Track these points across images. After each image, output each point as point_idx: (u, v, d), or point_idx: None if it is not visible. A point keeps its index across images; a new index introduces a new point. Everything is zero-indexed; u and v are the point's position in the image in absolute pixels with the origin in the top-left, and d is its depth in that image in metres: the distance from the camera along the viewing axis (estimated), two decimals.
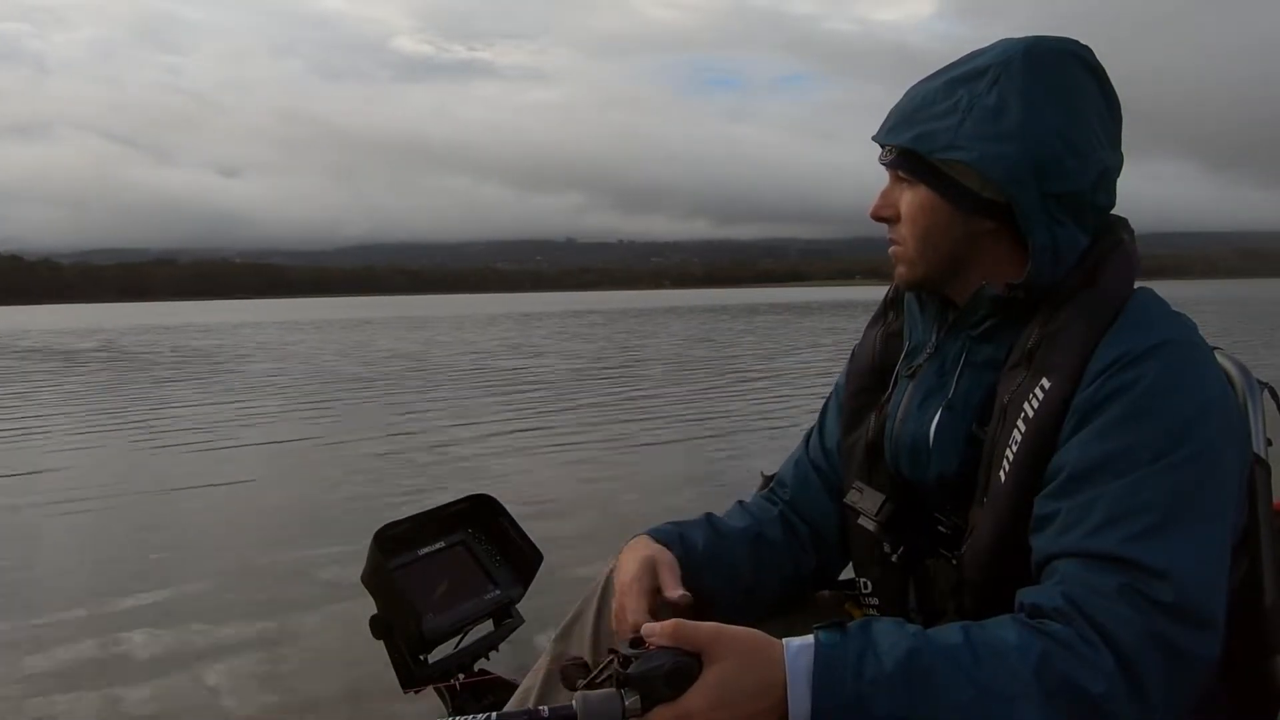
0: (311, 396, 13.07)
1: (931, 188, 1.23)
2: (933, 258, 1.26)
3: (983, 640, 1.01)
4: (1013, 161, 1.17)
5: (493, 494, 1.81)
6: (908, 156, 1.24)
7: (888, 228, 1.30)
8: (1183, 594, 1.02)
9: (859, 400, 1.41)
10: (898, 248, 1.30)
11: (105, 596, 4.24)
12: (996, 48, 1.24)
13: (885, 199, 1.29)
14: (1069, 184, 1.18)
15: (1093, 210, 1.21)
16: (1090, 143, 1.20)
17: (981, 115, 1.19)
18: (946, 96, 1.22)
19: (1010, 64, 1.20)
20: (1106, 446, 1.08)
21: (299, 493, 6.79)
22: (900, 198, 1.27)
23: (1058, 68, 1.21)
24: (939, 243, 1.25)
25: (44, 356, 24.59)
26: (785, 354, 19.07)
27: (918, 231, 1.26)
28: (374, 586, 1.69)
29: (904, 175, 1.26)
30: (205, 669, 3.41)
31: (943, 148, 1.20)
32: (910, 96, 1.28)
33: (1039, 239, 1.18)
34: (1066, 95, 1.20)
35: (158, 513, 6.25)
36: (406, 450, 8.31)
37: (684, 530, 1.38)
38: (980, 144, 1.18)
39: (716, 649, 0.99)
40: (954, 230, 1.24)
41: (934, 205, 1.24)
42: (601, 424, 9.53)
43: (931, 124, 1.22)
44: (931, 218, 1.24)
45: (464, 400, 12.13)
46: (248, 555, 4.94)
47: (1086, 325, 1.15)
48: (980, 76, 1.21)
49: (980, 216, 1.22)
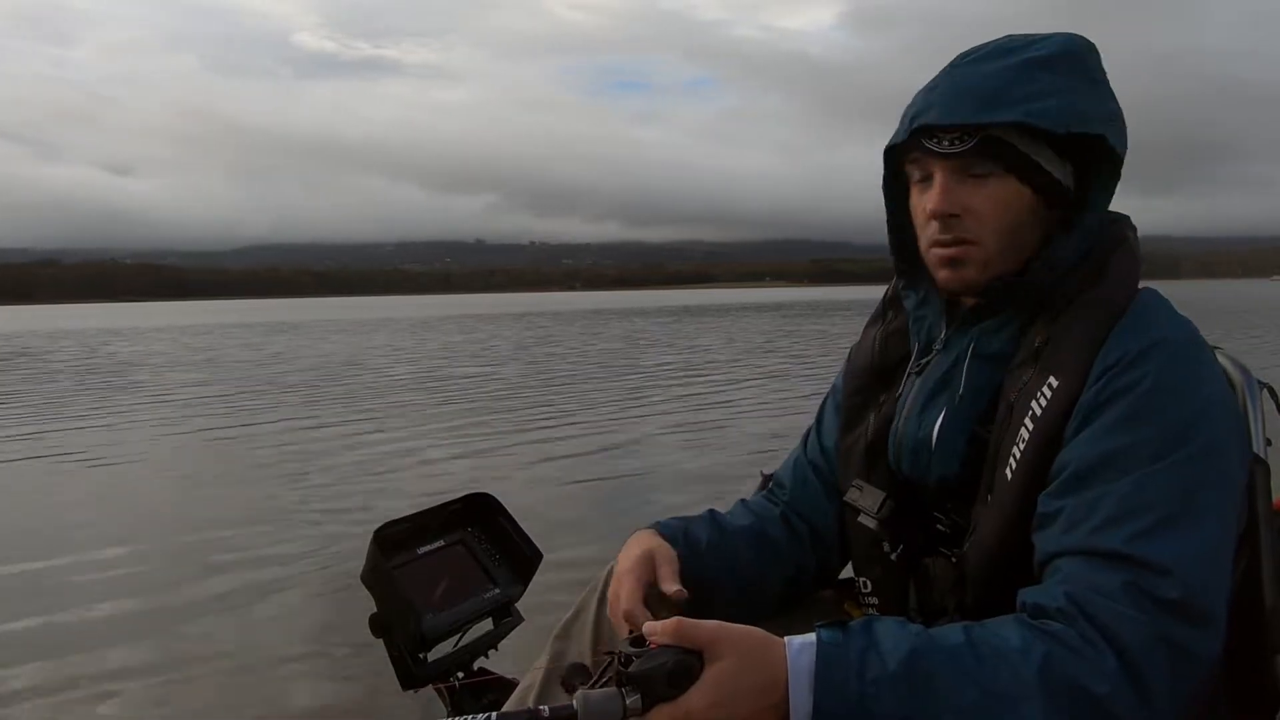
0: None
1: (1019, 178, 1.18)
2: (1012, 255, 1.20)
3: (985, 641, 1.01)
4: (1123, 138, 1.20)
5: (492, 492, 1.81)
6: (993, 145, 1.16)
7: (940, 226, 1.21)
8: (1186, 591, 1.02)
9: (857, 400, 1.40)
10: (970, 247, 1.20)
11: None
12: (1051, 40, 1.22)
13: (954, 194, 1.19)
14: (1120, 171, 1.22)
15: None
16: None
17: (1088, 94, 1.18)
18: (1028, 79, 1.17)
19: (1082, 53, 1.21)
20: (1110, 445, 1.08)
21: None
22: (974, 192, 1.19)
23: (1098, 61, 1.23)
24: (1023, 238, 1.20)
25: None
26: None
27: (1002, 227, 1.19)
28: (373, 585, 1.67)
29: (984, 166, 1.18)
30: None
31: (1078, 119, 1.16)
32: (975, 76, 1.19)
33: (1095, 218, 1.21)
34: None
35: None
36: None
37: (688, 525, 1.38)
38: (1098, 122, 1.17)
39: (718, 647, 0.98)
40: (1036, 223, 1.20)
41: (1020, 196, 1.19)
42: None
43: (1037, 102, 1.15)
44: (1018, 210, 1.19)
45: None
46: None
47: (1093, 324, 1.15)
48: (1057, 61, 1.19)
49: (1052, 210, 1.20)
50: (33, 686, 3.48)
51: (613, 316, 47.15)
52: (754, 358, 18.79)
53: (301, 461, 8.06)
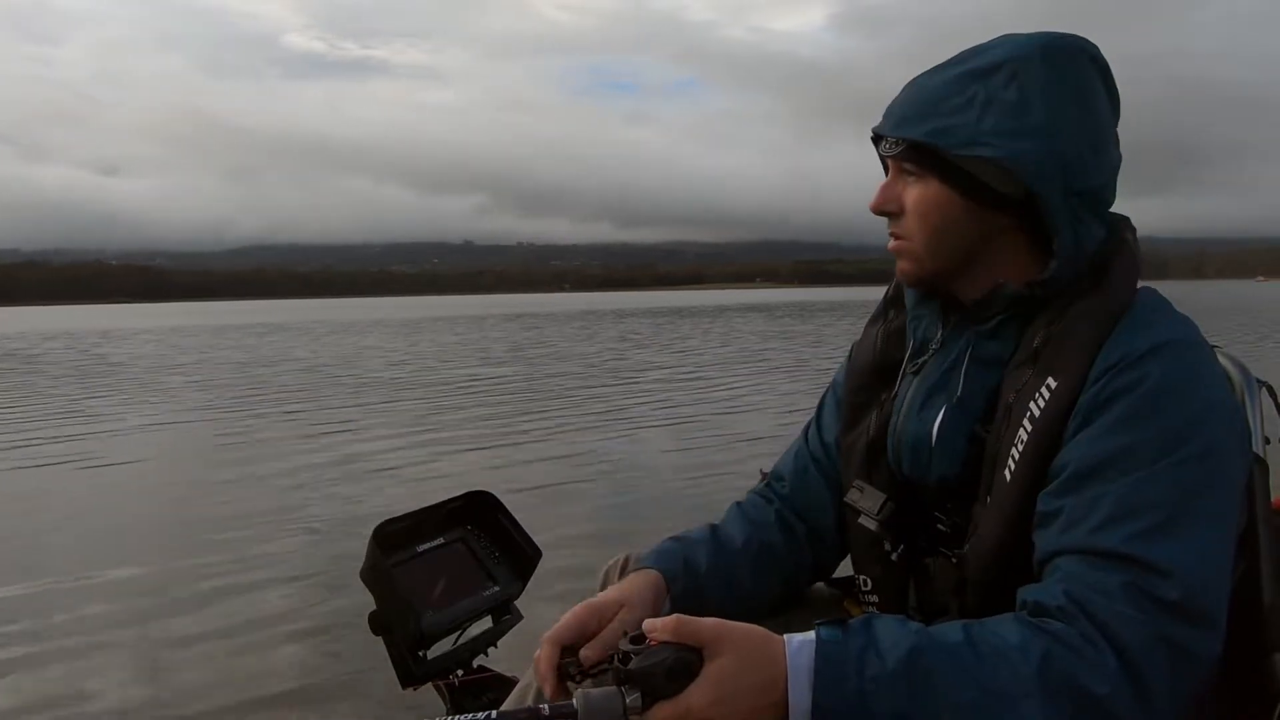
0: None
1: (944, 182, 1.21)
2: (943, 254, 1.24)
3: (985, 639, 1.01)
4: (1039, 158, 1.16)
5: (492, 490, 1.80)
6: (917, 150, 1.21)
7: (888, 222, 1.27)
8: (1187, 592, 1.01)
9: (859, 398, 1.40)
10: (903, 243, 1.27)
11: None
12: (1006, 44, 1.22)
13: (888, 192, 1.26)
14: (1090, 181, 1.18)
15: (1107, 206, 1.23)
16: (1106, 139, 1.21)
17: (1003, 111, 1.17)
18: (959, 91, 1.20)
19: (1029, 59, 1.19)
20: (1111, 444, 1.08)
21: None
22: (905, 192, 1.24)
23: (1074, 65, 1.20)
24: (952, 239, 1.23)
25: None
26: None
27: (928, 227, 1.23)
28: (372, 583, 1.66)
29: (912, 169, 1.23)
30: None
31: (964, 143, 1.18)
32: (916, 90, 1.24)
33: (1065, 237, 1.18)
34: (1083, 93, 1.19)
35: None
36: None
37: (688, 553, 1.37)
38: (1005, 140, 1.16)
39: (718, 645, 0.99)
40: (968, 226, 1.22)
41: (947, 200, 1.21)
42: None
43: (947, 119, 1.19)
44: (944, 213, 1.22)
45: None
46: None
47: (1093, 325, 1.15)
48: (994, 72, 1.19)
49: (997, 212, 1.21)
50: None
51: (605, 317, 47.01)
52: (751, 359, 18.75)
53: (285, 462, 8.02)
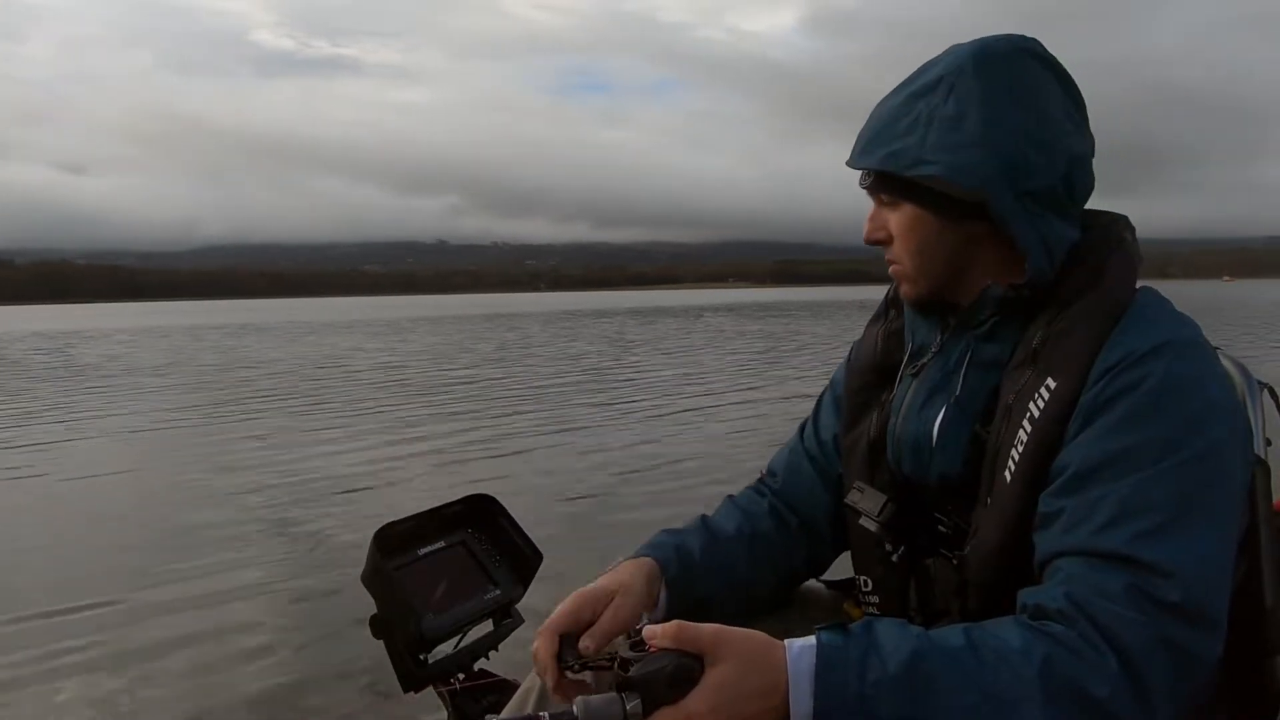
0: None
1: (915, 203, 1.23)
2: (931, 271, 1.27)
3: (986, 643, 1.01)
4: (979, 166, 1.17)
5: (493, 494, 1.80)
6: (884, 178, 1.24)
7: (885, 250, 1.30)
8: (1188, 594, 1.02)
9: (860, 397, 1.41)
10: (897, 267, 1.30)
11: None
12: (946, 56, 1.24)
13: (874, 222, 1.29)
14: (1039, 180, 1.18)
15: (1070, 200, 1.22)
16: (1054, 134, 1.20)
17: (942, 126, 1.19)
18: (906, 112, 1.22)
19: (962, 70, 1.20)
20: (1112, 445, 1.08)
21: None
22: (888, 219, 1.27)
23: (1008, 66, 1.21)
24: (934, 255, 1.25)
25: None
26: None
27: (911, 249, 1.26)
28: (373, 586, 1.65)
29: (886, 198, 1.26)
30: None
31: (911, 164, 1.20)
32: (875, 117, 1.27)
33: (1025, 238, 1.19)
34: (1022, 92, 1.20)
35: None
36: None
37: (680, 541, 1.38)
38: (946, 154, 1.18)
39: (719, 651, 0.98)
40: (946, 240, 1.24)
41: (921, 220, 1.24)
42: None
43: (896, 143, 1.22)
44: (921, 233, 1.25)
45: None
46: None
47: (1092, 325, 1.15)
48: (935, 87, 1.21)
49: (969, 220, 1.22)
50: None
51: (585, 317, 46.88)
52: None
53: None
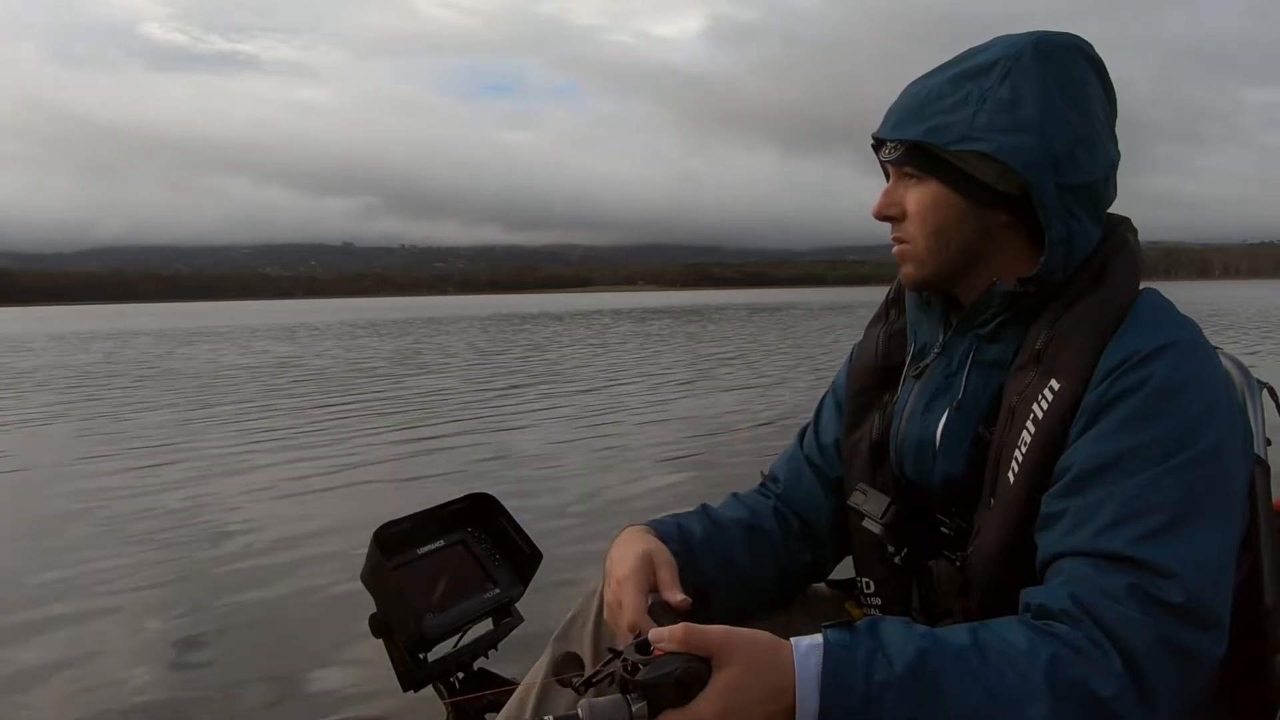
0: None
1: (944, 183, 1.22)
2: (944, 255, 1.25)
3: (991, 643, 1.01)
4: (1031, 152, 1.16)
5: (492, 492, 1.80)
6: (916, 152, 1.23)
7: (891, 227, 1.29)
8: (1191, 595, 1.02)
9: (861, 399, 1.41)
10: (905, 246, 1.28)
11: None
12: (1001, 43, 1.24)
13: (890, 197, 1.27)
14: (1083, 176, 1.19)
15: (1102, 204, 1.23)
16: (1100, 135, 1.21)
17: (996, 106, 1.18)
18: (954, 90, 1.21)
19: (1020, 57, 1.20)
20: (1115, 446, 1.08)
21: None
22: (906, 195, 1.25)
23: (1066, 61, 1.21)
24: (952, 239, 1.24)
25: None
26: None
27: (929, 228, 1.24)
28: (373, 585, 1.64)
29: (912, 171, 1.24)
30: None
31: (958, 139, 1.19)
32: (913, 92, 1.25)
33: (1056, 232, 1.18)
34: (1076, 88, 1.20)
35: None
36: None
37: (681, 520, 1.38)
38: (998, 135, 1.17)
39: (726, 654, 0.97)
40: (967, 225, 1.23)
41: (946, 200, 1.22)
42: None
43: (942, 117, 1.20)
44: (944, 213, 1.23)
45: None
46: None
47: (1095, 326, 1.15)
48: (989, 70, 1.20)
49: (995, 210, 1.21)
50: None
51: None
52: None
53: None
